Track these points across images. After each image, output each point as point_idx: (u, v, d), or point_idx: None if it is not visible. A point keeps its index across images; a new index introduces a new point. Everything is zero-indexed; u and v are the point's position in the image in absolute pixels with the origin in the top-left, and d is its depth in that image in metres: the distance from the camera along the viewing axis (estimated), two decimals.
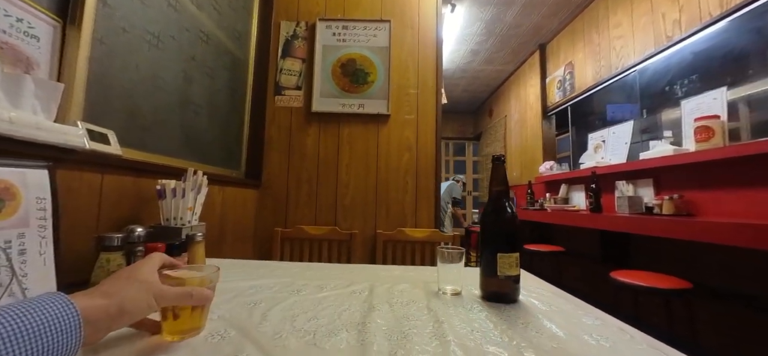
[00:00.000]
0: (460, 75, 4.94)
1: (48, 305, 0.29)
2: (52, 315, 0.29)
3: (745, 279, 1.57)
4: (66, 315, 0.29)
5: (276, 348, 0.43)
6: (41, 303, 0.29)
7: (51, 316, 0.28)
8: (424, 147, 1.73)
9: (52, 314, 0.29)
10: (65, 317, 0.29)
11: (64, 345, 0.29)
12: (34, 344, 0.26)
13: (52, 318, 0.28)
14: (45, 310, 0.28)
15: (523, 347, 0.45)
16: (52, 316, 0.29)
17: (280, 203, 1.71)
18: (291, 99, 1.72)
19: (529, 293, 0.70)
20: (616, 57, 2.78)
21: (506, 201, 0.66)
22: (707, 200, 1.83)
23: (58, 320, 0.29)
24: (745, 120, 1.81)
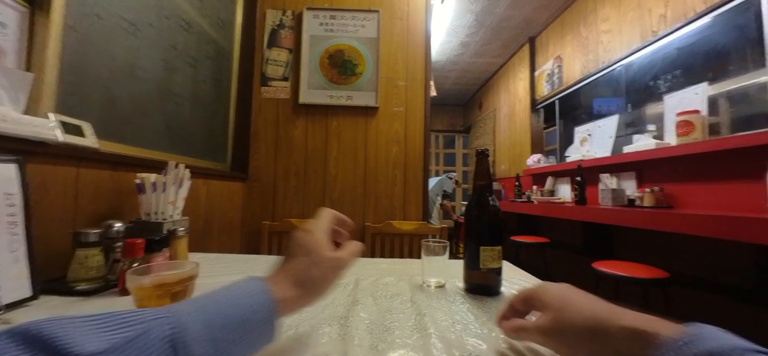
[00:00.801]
0: (451, 67, 4.93)
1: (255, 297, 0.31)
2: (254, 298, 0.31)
3: (721, 269, 1.64)
4: (265, 301, 0.31)
5: None
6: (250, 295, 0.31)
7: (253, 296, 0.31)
8: (413, 140, 1.73)
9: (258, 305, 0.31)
10: (265, 304, 0.31)
11: (266, 329, 0.31)
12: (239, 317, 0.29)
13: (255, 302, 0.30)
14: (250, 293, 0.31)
15: (501, 338, 0.46)
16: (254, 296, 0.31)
17: (267, 196, 1.69)
18: (278, 90, 1.69)
19: (511, 284, 0.71)
20: (604, 51, 2.82)
21: (489, 195, 0.67)
22: (687, 193, 1.88)
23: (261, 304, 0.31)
24: (724, 115, 1.86)
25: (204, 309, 0.28)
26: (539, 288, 0.38)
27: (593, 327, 0.30)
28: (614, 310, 0.30)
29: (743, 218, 1.20)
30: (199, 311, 0.27)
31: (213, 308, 0.28)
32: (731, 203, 1.64)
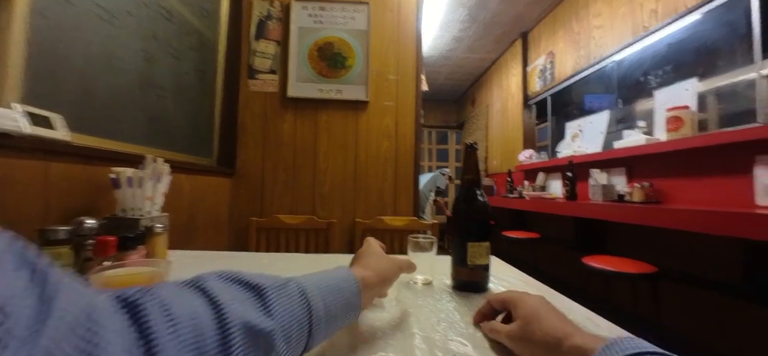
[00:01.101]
0: (443, 62, 4.91)
1: (344, 273, 0.40)
2: (346, 280, 0.39)
3: (709, 263, 1.66)
4: (353, 283, 0.39)
5: None
6: (339, 271, 0.40)
7: (346, 281, 0.39)
8: (404, 135, 1.70)
9: (347, 279, 0.39)
10: (354, 284, 0.39)
11: (354, 304, 0.39)
12: (343, 296, 0.37)
13: (347, 282, 0.39)
14: (345, 278, 0.39)
15: (487, 338, 0.44)
16: (346, 280, 0.39)
17: (255, 192, 1.65)
18: (265, 83, 1.65)
19: (499, 281, 0.70)
20: (596, 46, 2.82)
21: (478, 190, 0.65)
22: (676, 188, 1.90)
23: (350, 284, 0.39)
24: (713, 111, 1.87)
25: (312, 278, 0.36)
26: (517, 295, 0.42)
27: (550, 343, 0.34)
28: (569, 330, 0.34)
29: (730, 213, 1.21)
30: (308, 279, 0.35)
31: (319, 278, 0.36)
32: (719, 198, 1.65)
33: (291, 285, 0.32)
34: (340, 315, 0.36)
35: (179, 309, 0.23)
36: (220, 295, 0.26)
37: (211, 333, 0.23)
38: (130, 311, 0.21)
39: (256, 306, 0.28)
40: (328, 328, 0.35)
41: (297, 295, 0.32)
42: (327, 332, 0.35)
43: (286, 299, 0.30)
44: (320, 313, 0.33)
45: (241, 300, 0.27)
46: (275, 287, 0.30)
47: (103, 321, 0.18)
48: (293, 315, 0.30)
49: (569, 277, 2.61)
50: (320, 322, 0.33)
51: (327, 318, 0.34)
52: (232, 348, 0.24)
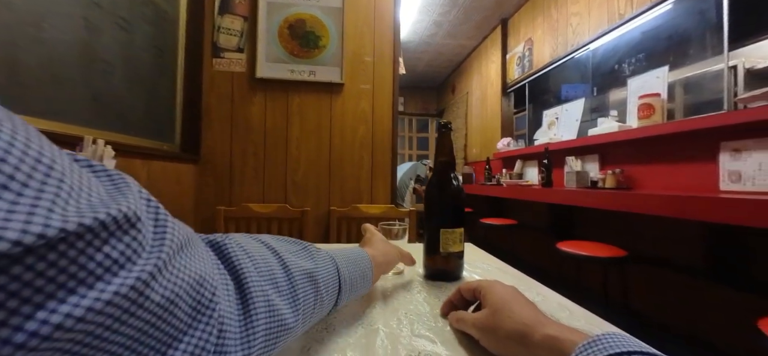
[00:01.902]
0: (424, 48, 4.85)
1: (359, 251, 0.44)
2: (363, 257, 0.43)
3: (674, 246, 1.72)
4: (367, 260, 0.44)
5: None
6: (355, 249, 0.44)
7: (362, 257, 0.43)
8: (381, 120, 1.64)
9: (363, 256, 0.43)
10: (368, 260, 0.44)
11: (368, 277, 0.43)
12: (360, 268, 0.41)
13: (363, 258, 0.43)
14: (359, 253, 0.43)
15: (455, 335, 0.41)
16: (363, 257, 0.43)
17: (223, 179, 1.55)
18: (232, 62, 1.54)
19: (473, 268, 0.67)
20: (573, 33, 2.84)
21: (452, 173, 0.61)
22: (646, 174, 1.95)
23: (366, 261, 0.43)
24: (682, 99, 1.93)
25: (335, 251, 0.40)
26: (488, 284, 0.40)
27: (520, 331, 0.32)
28: (541, 320, 0.32)
29: (695, 197, 1.24)
30: (332, 251, 0.39)
31: (340, 251, 0.41)
32: (687, 183, 1.71)
33: (323, 251, 0.37)
34: (358, 284, 0.40)
35: (253, 250, 0.27)
36: (278, 246, 0.31)
37: (279, 271, 0.28)
38: (214, 248, 0.26)
39: (305, 256, 0.33)
40: (351, 292, 0.39)
41: (330, 259, 0.36)
42: (349, 295, 0.39)
43: (324, 257, 0.35)
44: (346, 277, 0.38)
45: (294, 252, 0.33)
46: (314, 247, 0.36)
47: (199, 246, 0.23)
48: (329, 272, 0.35)
49: (544, 263, 2.67)
50: (345, 284, 0.37)
51: (351, 283, 0.38)
52: (297, 283, 0.29)
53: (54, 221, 0.12)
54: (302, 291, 0.29)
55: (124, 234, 0.15)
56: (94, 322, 0.13)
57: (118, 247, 0.14)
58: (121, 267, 0.14)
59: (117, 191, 0.17)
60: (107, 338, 0.14)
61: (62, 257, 0.12)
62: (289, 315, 0.27)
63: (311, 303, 0.31)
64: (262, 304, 0.24)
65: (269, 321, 0.25)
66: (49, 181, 0.13)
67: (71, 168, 0.15)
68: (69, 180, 0.14)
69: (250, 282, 0.24)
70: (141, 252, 0.15)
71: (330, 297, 0.35)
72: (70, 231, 0.12)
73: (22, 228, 0.11)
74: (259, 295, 0.24)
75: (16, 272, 0.11)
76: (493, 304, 0.36)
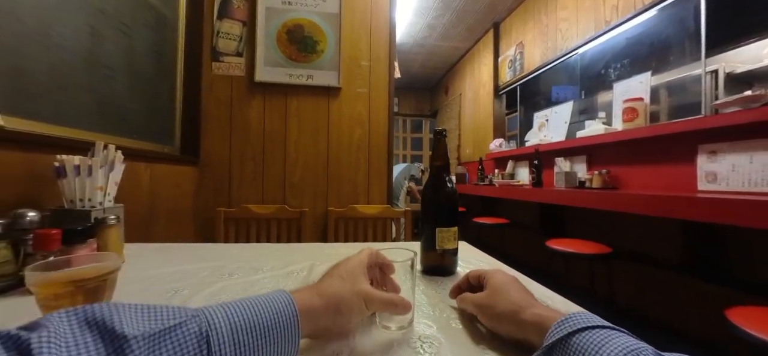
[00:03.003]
0: (418, 50, 4.91)
1: (275, 301, 0.31)
2: (278, 311, 0.31)
3: (656, 243, 1.81)
4: (288, 312, 0.31)
5: None
6: (269, 299, 0.31)
7: (277, 312, 0.31)
8: (377, 122, 1.69)
9: (278, 309, 0.31)
10: (288, 314, 0.31)
11: (288, 340, 0.31)
12: (266, 337, 0.29)
13: (279, 314, 0.31)
14: (273, 306, 0.31)
15: (452, 318, 0.46)
16: (278, 312, 0.31)
17: (222, 181, 1.58)
18: (231, 67, 1.57)
19: (467, 264, 0.72)
20: (562, 38, 2.93)
21: (446, 176, 0.66)
22: (630, 174, 2.04)
23: (283, 315, 0.31)
24: (664, 103, 2.01)
25: (231, 312, 0.29)
26: (491, 271, 0.45)
27: (513, 311, 0.37)
28: (532, 302, 0.37)
29: (674, 197, 1.32)
30: (226, 314, 0.29)
31: (239, 312, 0.29)
32: (668, 184, 1.80)
33: (185, 329, 0.26)
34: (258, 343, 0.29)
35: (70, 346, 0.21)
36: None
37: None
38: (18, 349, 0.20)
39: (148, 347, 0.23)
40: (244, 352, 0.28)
41: (193, 340, 0.26)
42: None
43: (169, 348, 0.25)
44: (225, 338, 0.27)
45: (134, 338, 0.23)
46: (148, 336, 0.24)
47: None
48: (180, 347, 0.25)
49: (534, 260, 2.75)
50: (224, 347, 0.27)
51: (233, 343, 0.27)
52: None
53: None
54: None
55: None
56: None
57: None
58: None
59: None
60: None
61: None
62: None
63: None
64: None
65: None
66: None
67: None
68: None
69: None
70: None
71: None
72: None
73: None
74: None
75: None
76: (493, 286, 0.41)
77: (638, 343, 0.27)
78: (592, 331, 0.28)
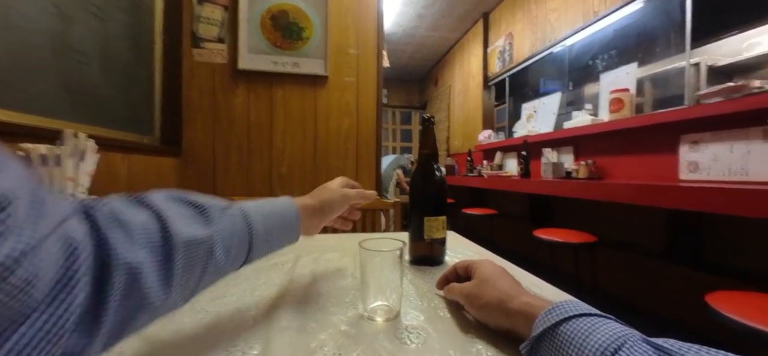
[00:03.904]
0: (407, 40, 4.86)
1: (285, 201, 0.44)
2: (287, 206, 0.43)
3: (639, 231, 1.85)
4: (293, 209, 0.44)
5: (164, 332, 0.36)
6: (282, 199, 0.44)
7: (286, 206, 0.43)
8: (365, 112, 1.66)
9: (287, 206, 0.43)
10: (293, 210, 0.44)
11: (293, 226, 0.44)
12: (281, 219, 0.42)
13: (287, 208, 0.43)
14: (284, 203, 0.44)
15: (440, 308, 0.45)
16: (287, 206, 0.43)
17: (206, 173, 1.54)
18: (213, 53, 1.51)
19: (455, 254, 0.71)
20: (551, 29, 2.93)
21: (435, 164, 0.65)
22: (615, 164, 2.07)
23: (290, 210, 0.44)
24: (649, 95, 2.05)
25: (256, 203, 0.40)
26: (479, 261, 0.44)
27: (500, 299, 0.36)
28: (519, 291, 0.36)
29: (656, 186, 1.34)
30: (252, 204, 0.39)
31: (262, 203, 0.41)
32: (651, 173, 1.83)
33: (234, 207, 0.36)
34: (277, 236, 0.41)
35: (130, 218, 0.25)
36: (168, 212, 0.28)
37: (157, 242, 0.26)
38: (87, 217, 0.24)
39: (198, 221, 0.31)
40: (269, 245, 0.40)
41: (239, 215, 0.36)
42: (266, 248, 0.40)
43: (228, 217, 0.34)
44: (260, 232, 0.38)
45: (186, 216, 0.30)
46: (218, 207, 0.34)
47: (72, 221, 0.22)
48: (234, 231, 0.34)
49: (522, 249, 2.79)
50: (259, 239, 0.38)
51: (266, 235, 0.39)
52: (176, 254, 0.27)
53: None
54: (183, 262, 0.27)
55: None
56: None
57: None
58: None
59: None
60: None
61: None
62: (157, 291, 0.25)
63: (197, 273, 0.30)
64: (119, 281, 0.23)
65: (125, 298, 0.23)
66: None
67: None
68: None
69: (111, 256, 0.23)
70: (8, 235, 0.16)
71: (233, 257, 0.34)
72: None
73: None
74: (119, 271, 0.23)
75: None
76: (481, 276, 0.41)
77: (626, 329, 0.26)
78: (580, 319, 0.28)
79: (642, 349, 0.24)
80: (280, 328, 0.39)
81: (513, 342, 0.35)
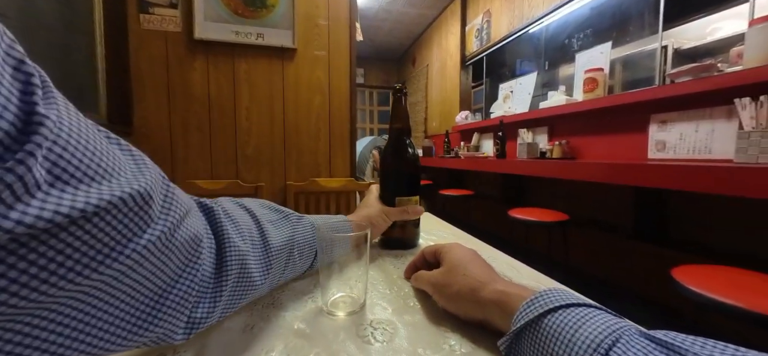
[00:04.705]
0: (384, 16, 4.70)
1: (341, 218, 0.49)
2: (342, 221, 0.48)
3: (609, 209, 1.91)
4: (347, 224, 0.48)
5: None
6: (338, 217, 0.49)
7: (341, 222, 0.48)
8: (338, 89, 1.57)
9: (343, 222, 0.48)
10: (347, 225, 0.48)
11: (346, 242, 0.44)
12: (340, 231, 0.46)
13: (343, 223, 0.48)
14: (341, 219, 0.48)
15: (409, 296, 0.40)
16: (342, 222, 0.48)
17: (163, 154, 1.40)
18: (164, 20, 1.35)
19: (429, 236, 0.67)
20: (529, 6, 2.91)
21: (407, 140, 0.59)
22: (588, 144, 2.11)
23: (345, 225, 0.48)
24: (620, 76, 2.08)
25: (320, 218, 0.45)
26: (448, 246, 0.40)
27: (472, 287, 0.32)
28: (492, 277, 0.33)
29: (625, 165, 1.36)
30: (317, 218, 0.44)
31: (324, 218, 0.46)
32: (622, 153, 1.88)
33: (305, 218, 0.42)
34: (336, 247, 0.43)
35: (237, 217, 0.33)
36: (261, 214, 0.36)
37: (257, 238, 0.34)
38: (205, 211, 0.31)
39: (284, 225, 0.38)
40: (327, 256, 0.40)
41: (309, 225, 0.41)
42: (327, 259, 0.39)
43: (302, 225, 0.40)
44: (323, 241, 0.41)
45: (274, 221, 0.38)
46: (296, 215, 0.41)
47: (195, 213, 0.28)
48: (306, 238, 0.40)
49: (497, 229, 2.84)
50: (322, 248, 0.39)
51: (328, 247, 0.40)
52: (270, 250, 0.34)
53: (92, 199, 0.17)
54: (275, 257, 0.34)
55: (140, 209, 0.20)
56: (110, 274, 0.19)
57: (134, 220, 0.19)
58: (134, 234, 0.19)
59: (138, 170, 0.21)
60: (117, 285, 0.20)
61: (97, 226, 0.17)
62: (258, 277, 0.32)
63: (281, 268, 0.36)
64: (234, 265, 0.29)
65: (238, 280, 0.30)
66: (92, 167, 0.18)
67: (107, 151, 0.19)
68: (105, 162, 0.19)
69: (229, 245, 0.29)
70: (149, 223, 0.21)
71: (304, 260, 0.40)
72: (101, 207, 0.17)
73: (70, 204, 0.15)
74: (234, 258, 0.29)
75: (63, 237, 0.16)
76: (449, 263, 0.37)
77: (619, 321, 0.23)
78: (567, 310, 0.24)
79: (641, 345, 0.20)
80: (220, 329, 0.32)
81: (490, 334, 0.31)
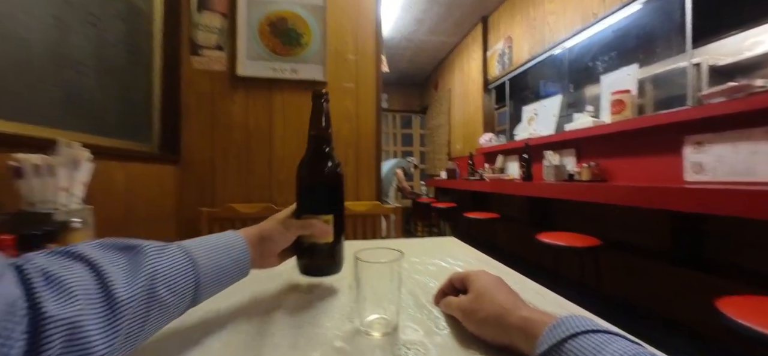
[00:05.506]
0: (406, 45, 4.87)
1: (230, 235, 0.43)
2: (232, 239, 0.42)
3: (643, 233, 1.82)
4: (239, 241, 0.43)
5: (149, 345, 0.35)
6: (227, 233, 0.43)
7: (232, 239, 0.42)
8: (365, 117, 1.65)
9: (232, 238, 0.42)
10: (240, 242, 0.42)
11: (242, 262, 0.42)
12: (230, 255, 0.40)
13: (233, 241, 0.42)
14: (231, 238, 0.42)
15: (439, 319, 0.43)
16: (232, 239, 0.42)
17: (205, 180, 1.53)
18: (211, 61, 1.51)
19: (455, 261, 0.69)
20: (549, 32, 2.93)
21: (326, 149, 0.51)
22: (618, 166, 2.05)
23: (237, 242, 0.42)
24: (650, 95, 2.03)
25: (195, 240, 0.39)
26: (474, 273, 0.42)
27: (498, 314, 0.34)
28: (517, 305, 0.35)
29: (660, 188, 1.32)
30: (191, 242, 0.38)
31: (202, 239, 0.40)
32: (655, 175, 1.81)
33: (171, 246, 0.35)
34: (227, 273, 0.40)
35: (61, 273, 0.25)
36: (102, 262, 0.28)
37: (95, 294, 0.26)
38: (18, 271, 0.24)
39: (132, 269, 0.30)
40: (217, 284, 0.39)
41: (178, 252, 0.35)
42: (215, 287, 0.39)
43: (167, 256, 0.34)
44: (206, 271, 0.37)
45: (122, 266, 0.29)
46: (155, 247, 0.33)
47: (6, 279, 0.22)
48: (176, 269, 0.33)
49: (524, 253, 2.76)
50: (206, 278, 0.37)
51: (215, 275, 0.38)
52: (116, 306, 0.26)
53: None
54: (126, 306, 0.27)
55: None
56: None
57: None
58: None
59: None
60: None
61: None
62: (100, 342, 0.25)
63: (141, 316, 0.29)
64: (56, 341, 0.22)
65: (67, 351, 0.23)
66: None
67: None
68: None
69: (41, 317, 0.22)
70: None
71: (179, 299, 0.33)
72: None
73: None
74: (53, 331, 0.22)
75: None
76: (477, 290, 0.39)
77: (637, 347, 0.25)
78: (587, 336, 0.27)
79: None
80: (273, 345, 0.37)
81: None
